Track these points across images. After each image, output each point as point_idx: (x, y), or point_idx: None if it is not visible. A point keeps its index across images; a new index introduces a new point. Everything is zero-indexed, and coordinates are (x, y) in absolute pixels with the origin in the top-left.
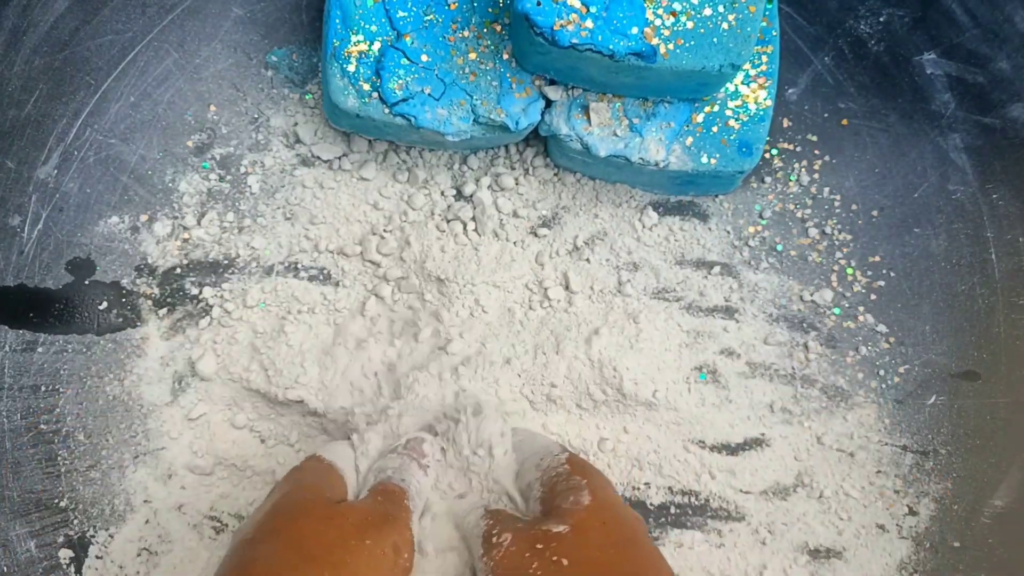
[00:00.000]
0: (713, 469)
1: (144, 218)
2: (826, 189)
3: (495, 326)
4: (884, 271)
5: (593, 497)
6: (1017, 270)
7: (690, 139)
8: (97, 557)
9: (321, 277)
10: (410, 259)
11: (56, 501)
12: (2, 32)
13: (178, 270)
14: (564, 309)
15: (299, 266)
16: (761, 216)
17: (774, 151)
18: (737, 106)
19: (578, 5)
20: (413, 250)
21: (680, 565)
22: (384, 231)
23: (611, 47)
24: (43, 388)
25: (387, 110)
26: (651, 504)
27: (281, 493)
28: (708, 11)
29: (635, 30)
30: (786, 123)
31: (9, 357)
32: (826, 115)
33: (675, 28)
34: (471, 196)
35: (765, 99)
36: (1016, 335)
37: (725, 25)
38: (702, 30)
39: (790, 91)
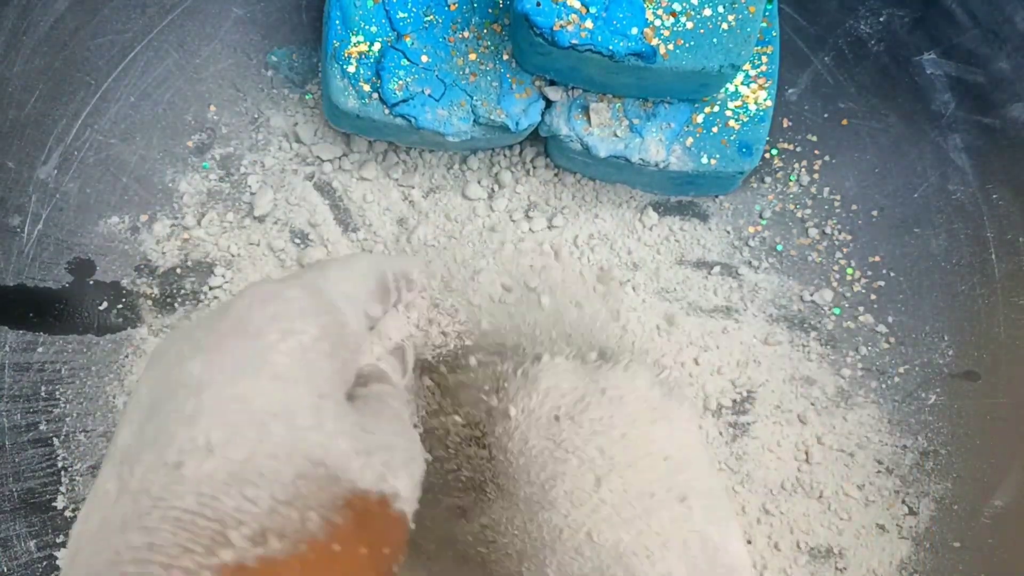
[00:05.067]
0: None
1: (144, 218)
2: (826, 189)
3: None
4: (884, 271)
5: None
6: (1017, 270)
7: (690, 140)
8: None
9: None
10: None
11: (56, 501)
12: (2, 32)
13: (178, 270)
14: None
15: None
16: (761, 216)
17: (774, 151)
18: (737, 107)
19: (578, 6)
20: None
21: None
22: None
23: (611, 47)
24: (43, 388)
25: (387, 111)
26: None
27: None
28: (708, 11)
29: (635, 30)
30: (786, 123)
31: (9, 357)
32: (826, 115)
33: (675, 28)
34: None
35: (765, 99)
36: (1016, 335)
37: (725, 26)
38: (702, 31)
39: (790, 91)
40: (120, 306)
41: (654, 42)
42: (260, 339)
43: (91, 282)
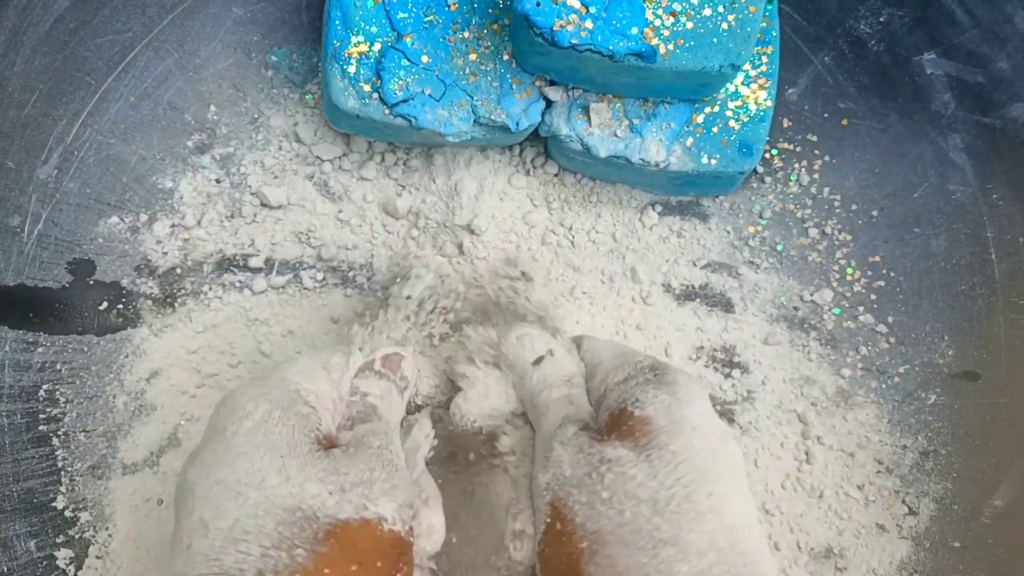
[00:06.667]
0: None
1: (144, 218)
2: (826, 189)
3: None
4: (884, 271)
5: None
6: (1017, 270)
7: (690, 139)
8: (97, 557)
9: (323, 278)
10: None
11: (56, 501)
12: (2, 32)
13: (178, 270)
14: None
15: (301, 265)
16: (761, 216)
17: (774, 151)
18: (737, 107)
19: (578, 6)
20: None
21: None
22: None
23: (611, 47)
24: (43, 388)
25: (387, 111)
26: None
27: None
28: (708, 11)
29: (635, 30)
30: (786, 123)
31: (9, 357)
32: (826, 115)
33: (675, 28)
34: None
35: (765, 100)
36: (1016, 335)
37: (725, 25)
38: (702, 30)
39: (790, 91)
40: (120, 306)
41: (654, 42)
42: (223, 432)
43: (91, 282)
